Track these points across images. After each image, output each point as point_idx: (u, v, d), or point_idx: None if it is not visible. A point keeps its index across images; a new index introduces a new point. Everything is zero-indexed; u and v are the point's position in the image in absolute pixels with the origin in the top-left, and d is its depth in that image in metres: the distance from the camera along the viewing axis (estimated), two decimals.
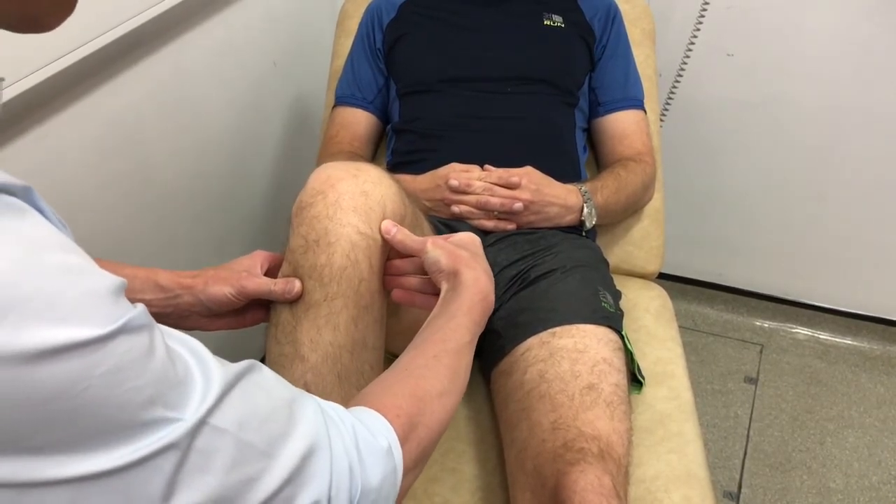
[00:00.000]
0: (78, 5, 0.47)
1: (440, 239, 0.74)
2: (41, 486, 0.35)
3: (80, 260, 0.37)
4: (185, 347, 0.43)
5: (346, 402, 0.55)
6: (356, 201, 0.73)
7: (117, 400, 0.36)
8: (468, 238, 0.76)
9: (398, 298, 0.77)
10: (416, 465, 0.55)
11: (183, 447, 0.39)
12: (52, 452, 0.35)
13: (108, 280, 0.38)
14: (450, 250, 0.72)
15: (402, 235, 0.74)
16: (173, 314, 0.76)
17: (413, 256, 0.76)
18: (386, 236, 0.74)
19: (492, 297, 0.71)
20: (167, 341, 0.41)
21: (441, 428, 0.59)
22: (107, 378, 0.36)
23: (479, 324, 0.69)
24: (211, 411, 0.40)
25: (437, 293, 0.75)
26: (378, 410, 0.53)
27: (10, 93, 0.84)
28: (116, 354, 0.36)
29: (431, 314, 0.69)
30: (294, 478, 0.44)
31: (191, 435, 0.39)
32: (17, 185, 0.37)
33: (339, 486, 0.46)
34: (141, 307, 0.39)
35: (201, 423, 0.40)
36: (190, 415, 0.39)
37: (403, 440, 0.53)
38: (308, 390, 0.62)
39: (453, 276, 0.70)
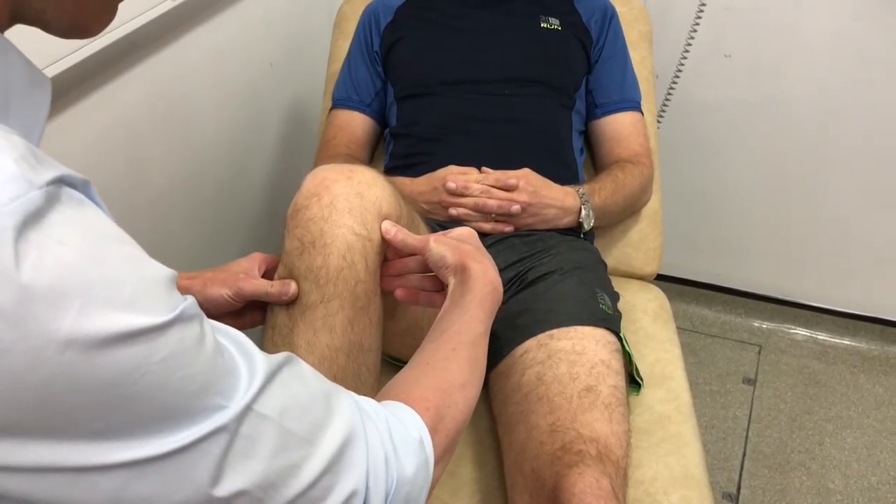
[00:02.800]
0: None
1: (440, 235, 0.75)
2: (96, 469, 0.36)
3: (136, 250, 0.39)
4: (229, 338, 0.44)
5: None
6: (351, 203, 0.73)
7: (173, 387, 0.37)
8: (467, 232, 0.76)
9: (402, 297, 0.77)
10: (444, 456, 0.56)
11: (231, 431, 0.40)
12: (107, 437, 0.36)
13: (164, 270, 0.39)
14: (454, 245, 0.72)
15: (402, 235, 0.74)
16: None
17: (412, 255, 0.76)
18: (386, 237, 0.74)
19: (500, 288, 0.72)
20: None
21: (465, 418, 0.59)
22: (163, 365, 0.37)
23: (491, 314, 0.69)
24: (255, 398, 0.42)
25: (438, 290, 0.75)
26: (406, 403, 0.54)
27: None
28: (173, 342, 0.37)
29: (443, 309, 0.69)
30: (333, 466, 0.45)
31: (238, 420, 0.40)
32: (77, 178, 0.38)
33: (376, 477, 0.47)
34: (191, 298, 0.40)
35: (247, 410, 0.41)
36: (237, 401, 0.41)
37: (433, 431, 0.54)
38: None
39: (461, 270, 0.70)
